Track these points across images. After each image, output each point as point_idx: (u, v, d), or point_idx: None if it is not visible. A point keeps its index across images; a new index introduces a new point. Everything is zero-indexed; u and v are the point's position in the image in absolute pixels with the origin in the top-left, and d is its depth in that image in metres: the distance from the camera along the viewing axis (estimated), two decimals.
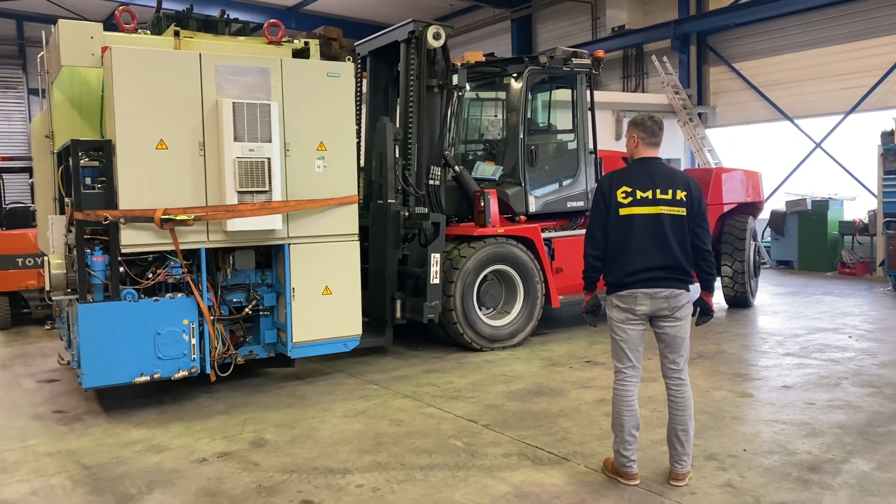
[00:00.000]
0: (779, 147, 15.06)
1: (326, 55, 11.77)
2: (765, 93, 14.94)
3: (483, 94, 9.04)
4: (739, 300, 9.87)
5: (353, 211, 6.22)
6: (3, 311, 9.48)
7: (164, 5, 6.67)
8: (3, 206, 11.05)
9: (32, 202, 10.43)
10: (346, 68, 6.10)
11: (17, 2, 18.84)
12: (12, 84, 20.01)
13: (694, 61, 16.11)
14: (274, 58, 5.83)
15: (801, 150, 14.68)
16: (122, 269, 5.44)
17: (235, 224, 5.56)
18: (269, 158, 5.58)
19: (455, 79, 7.43)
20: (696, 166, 15.52)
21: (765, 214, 14.76)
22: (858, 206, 13.67)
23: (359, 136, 8.35)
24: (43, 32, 6.50)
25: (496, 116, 8.88)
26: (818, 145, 14.33)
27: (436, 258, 7.00)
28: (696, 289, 4.34)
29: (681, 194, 4.18)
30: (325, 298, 6.08)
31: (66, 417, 5.75)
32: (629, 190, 4.18)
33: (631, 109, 15.59)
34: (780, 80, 14.70)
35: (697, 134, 15.50)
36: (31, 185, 9.73)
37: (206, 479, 4.47)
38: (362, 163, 8.17)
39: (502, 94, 8.78)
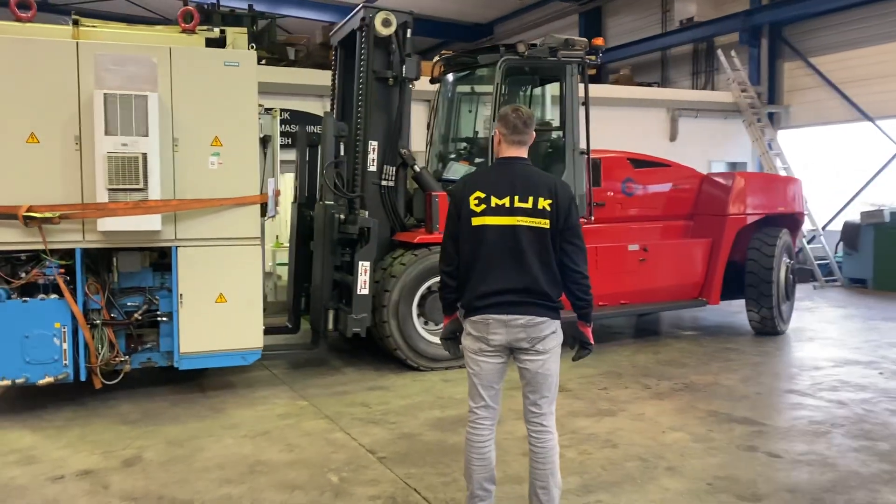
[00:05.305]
0: (859, 151, 13.31)
1: None
2: (843, 90, 13.25)
3: (464, 89, 8.31)
4: (767, 328, 8.61)
5: (253, 212, 5.73)
6: None
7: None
8: None
9: None
10: (247, 57, 5.61)
11: None
12: None
13: (766, 56, 14.57)
14: (162, 46, 5.42)
15: (883, 155, 12.89)
16: None
17: (106, 224, 5.20)
18: (144, 154, 5.17)
19: (404, 70, 6.79)
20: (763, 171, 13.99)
21: (837, 227, 13.16)
22: None
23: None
24: None
25: (470, 112, 8.15)
26: None
27: (364, 266, 6.38)
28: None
29: (543, 203, 3.42)
30: (218, 307, 5.63)
31: None
32: (483, 196, 3.47)
33: (690, 108, 14.36)
34: (861, 77, 12.98)
35: (765, 135, 13.97)
36: None
37: (42, 501, 4.19)
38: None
39: (481, 88, 8.04)
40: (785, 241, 8.66)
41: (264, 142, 6.07)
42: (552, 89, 8.33)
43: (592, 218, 7.74)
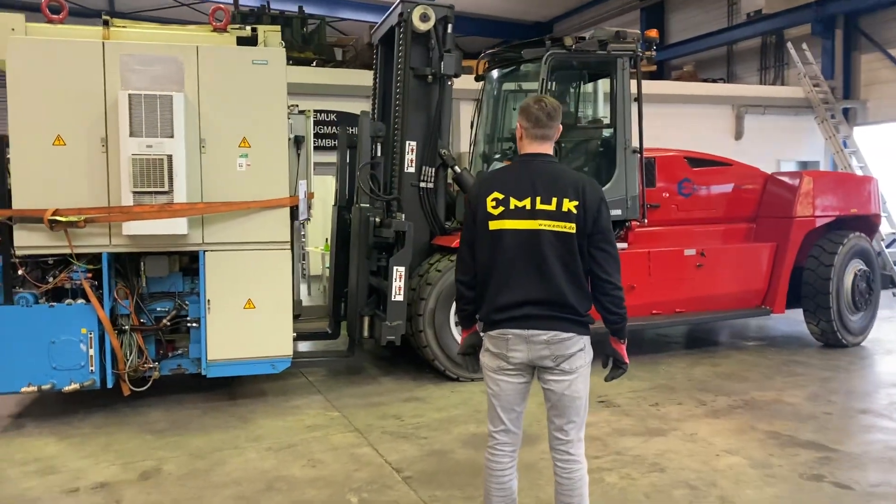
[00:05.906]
0: None
1: None
2: None
3: (510, 86, 7.96)
4: (830, 341, 7.98)
5: (283, 216, 5.54)
6: None
7: None
8: None
9: None
10: (276, 55, 5.41)
11: None
12: None
13: (840, 48, 13.68)
14: (189, 45, 5.26)
15: None
16: (20, 271, 5.15)
17: (131, 227, 5.08)
18: (169, 156, 5.03)
19: (443, 66, 6.50)
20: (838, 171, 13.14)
21: None
22: None
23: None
24: None
25: (515, 110, 7.77)
26: None
27: (399, 272, 6.11)
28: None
29: (569, 205, 3.06)
30: (247, 313, 5.46)
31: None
32: (501, 197, 3.13)
33: (757, 104, 13.59)
34: None
35: (839, 133, 13.11)
36: None
37: None
38: None
39: (528, 85, 7.67)
40: (853, 246, 7.97)
41: (297, 143, 5.87)
42: (605, 85, 7.90)
43: (646, 220, 7.29)
